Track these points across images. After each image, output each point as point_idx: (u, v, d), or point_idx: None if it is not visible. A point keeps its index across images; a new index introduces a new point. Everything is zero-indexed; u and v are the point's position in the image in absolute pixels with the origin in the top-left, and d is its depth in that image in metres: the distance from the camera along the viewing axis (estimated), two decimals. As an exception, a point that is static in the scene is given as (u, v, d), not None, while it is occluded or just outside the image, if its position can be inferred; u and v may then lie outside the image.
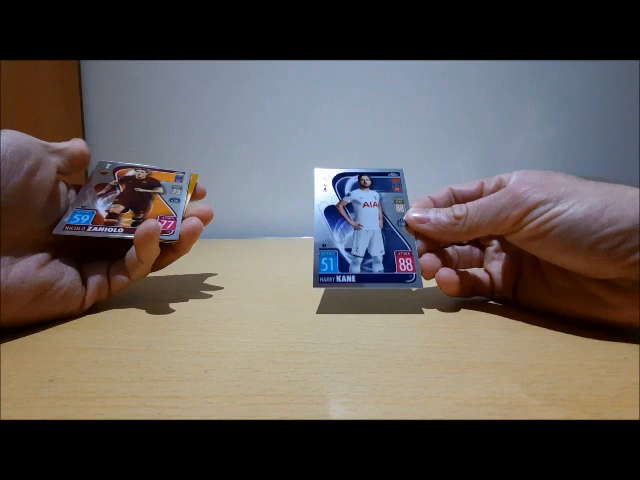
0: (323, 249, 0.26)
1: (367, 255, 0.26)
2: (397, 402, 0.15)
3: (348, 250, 0.26)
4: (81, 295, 0.24)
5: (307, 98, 0.70)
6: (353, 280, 0.25)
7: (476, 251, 0.29)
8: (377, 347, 0.20)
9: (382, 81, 0.70)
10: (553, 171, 0.23)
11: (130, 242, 0.26)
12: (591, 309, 0.21)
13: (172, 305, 0.27)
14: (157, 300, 0.29)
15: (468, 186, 0.27)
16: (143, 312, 0.26)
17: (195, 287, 0.33)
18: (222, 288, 0.33)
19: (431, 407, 0.14)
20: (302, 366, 0.18)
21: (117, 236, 0.26)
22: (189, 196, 0.31)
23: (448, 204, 0.27)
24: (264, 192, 0.72)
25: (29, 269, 0.22)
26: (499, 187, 0.25)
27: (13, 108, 0.52)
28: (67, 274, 0.24)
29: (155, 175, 0.31)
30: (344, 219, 0.28)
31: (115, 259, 0.27)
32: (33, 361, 0.18)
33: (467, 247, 0.29)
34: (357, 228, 0.27)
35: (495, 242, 0.28)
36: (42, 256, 0.23)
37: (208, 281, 0.36)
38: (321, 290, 0.31)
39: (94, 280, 0.25)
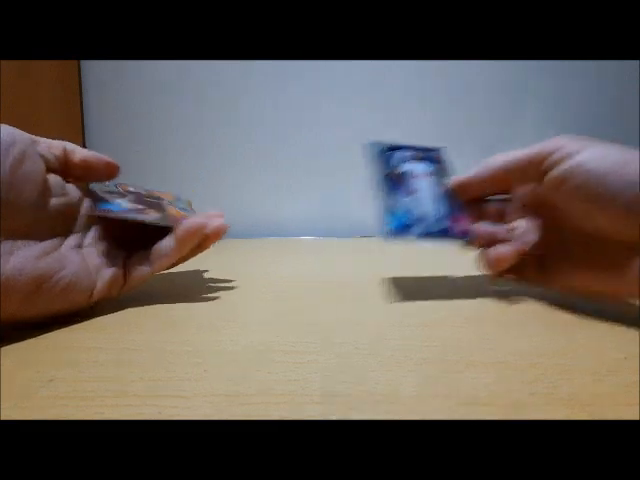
0: (387, 208, 0.27)
1: (425, 218, 0.28)
2: (397, 401, 0.15)
3: (408, 213, 0.28)
4: (88, 288, 0.23)
5: (310, 98, 0.70)
6: (418, 235, 0.27)
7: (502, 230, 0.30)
8: (377, 346, 0.20)
9: (381, 81, 0.70)
10: None
11: (152, 232, 0.26)
12: (610, 277, 0.22)
13: (172, 305, 0.27)
14: (157, 300, 0.29)
15: None
16: (143, 312, 0.26)
17: (195, 287, 0.33)
18: (223, 288, 0.33)
19: (431, 407, 0.14)
20: (302, 366, 0.18)
21: (152, 221, 0.26)
22: None
23: None
24: (268, 192, 0.72)
25: (27, 259, 0.21)
26: None
27: (13, 108, 0.52)
28: (71, 265, 0.22)
29: (154, 193, 0.32)
30: (400, 186, 0.29)
31: (133, 251, 0.26)
32: (33, 361, 0.18)
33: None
34: (413, 195, 0.29)
35: (522, 223, 0.29)
36: (44, 246, 0.22)
37: (209, 281, 0.36)
38: (321, 290, 0.31)
39: (108, 272, 0.24)
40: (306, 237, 0.70)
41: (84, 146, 0.72)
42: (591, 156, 0.21)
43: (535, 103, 0.70)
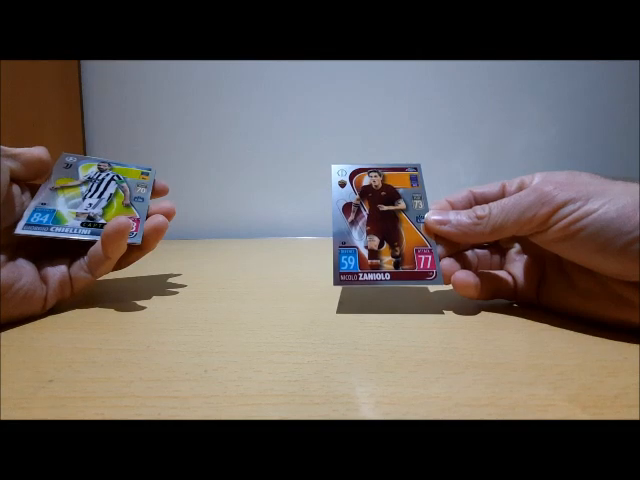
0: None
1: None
2: (397, 402, 0.15)
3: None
4: (42, 295, 0.24)
5: (309, 100, 0.70)
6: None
7: (496, 256, 0.28)
8: (377, 347, 0.20)
9: (381, 81, 0.70)
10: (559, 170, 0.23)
11: (90, 241, 0.26)
12: (619, 311, 0.21)
13: (171, 305, 0.27)
14: (157, 300, 0.29)
15: (489, 188, 0.26)
16: (143, 312, 0.26)
17: (195, 287, 0.33)
18: (222, 288, 0.33)
19: (431, 407, 0.14)
20: (302, 366, 0.18)
21: (78, 237, 0.26)
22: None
23: (467, 207, 0.26)
24: (267, 192, 0.72)
25: None
26: (521, 188, 0.24)
27: (13, 108, 0.52)
28: (26, 275, 0.23)
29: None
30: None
31: (75, 257, 0.26)
32: (33, 361, 0.18)
33: (486, 251, 0.28)
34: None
35: (517, 244, 0.27)
36: (2, 257, 0.23)
37: (208, 281, 0.36)
38: (321, 290, 0.31)
39: (55, 279, 0.25)
40: (305, 237, 0.70)
41: (84, 146, 0.72)
42: (601, 207, 0.19)
43: (535, 103, 0.70)
